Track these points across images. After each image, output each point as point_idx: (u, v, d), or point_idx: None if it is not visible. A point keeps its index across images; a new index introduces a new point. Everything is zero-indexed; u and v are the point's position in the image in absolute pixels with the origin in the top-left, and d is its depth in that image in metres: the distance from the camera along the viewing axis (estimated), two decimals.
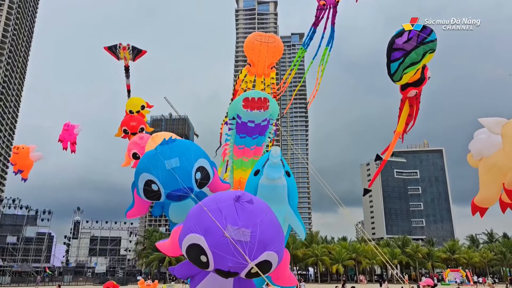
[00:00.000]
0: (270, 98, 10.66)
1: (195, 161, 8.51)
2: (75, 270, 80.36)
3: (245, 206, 5.91)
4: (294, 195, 8.70)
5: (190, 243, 5.92)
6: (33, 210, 79.81)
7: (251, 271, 5.77)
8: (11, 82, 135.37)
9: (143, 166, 8.57)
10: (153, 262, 79.16)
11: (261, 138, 11.23)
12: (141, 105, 17.02)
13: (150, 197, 8.59)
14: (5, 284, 59.78)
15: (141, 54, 16.60)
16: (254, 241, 5.68)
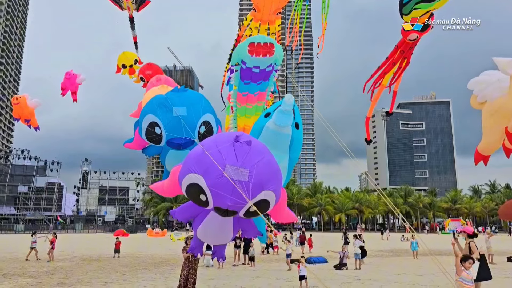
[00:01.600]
0: (276, 43, 10.46)
1: (202, 115, 8.55)
2: (86, 219, 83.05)
3: (243, 147, 5.99)
4: (297, 148, 8.73)
5: (190, 182, 6.07)
6: (42, 161, 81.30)
7: (250, 210, 5.94)
8: (12, 33, 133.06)
9: (151, 107, 8.62)
10: (161, 211, 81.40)
11: (265, 83, 11.13)
12: (134, 59, 16.83)
13: (151, 139, 8.70)
14: (19, 232, 62.02)
15: (145, 4, 16.05)
16: (252, 180, 5.80)
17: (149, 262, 21.43)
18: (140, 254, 26.26)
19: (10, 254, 25.37)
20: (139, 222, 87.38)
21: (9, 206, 76.73)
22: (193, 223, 7.40)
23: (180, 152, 9.00)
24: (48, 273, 16.80)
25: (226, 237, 7.33)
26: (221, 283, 14.31)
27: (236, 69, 11.03)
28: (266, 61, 10.42)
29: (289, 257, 18.81)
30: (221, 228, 6.95)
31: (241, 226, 7.17)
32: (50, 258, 21.39)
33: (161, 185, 7.61)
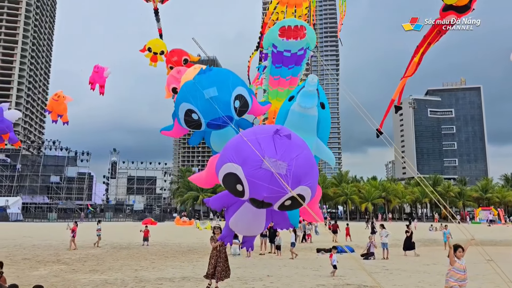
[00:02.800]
0: (307, 26, 10.31)
1: (233, 90, 8.49)
2: (115, 208, 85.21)
3: (283, 140, 5.96)
4: (326, 128, 8.63)
5: (227, 171, 6.07)
6: (72, 152, 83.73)
7: (285, 203, 5.92)
8: (42, 27, 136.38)
9: (183, 96, 8.65)
10: (188, 201, 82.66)
11: (297, 68, 11.04)
12: (161, 50, 16.83)
13: (191, 125, 8.75)
14: (52, 220, 64.21)
15: None
16: (290, 174, 5.77)
17: (177, 251, 21.83)
18: (168, 243, 26.77)
19: (45, 241, 26.31)
20: (166, 211, 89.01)
21: (42, 196, 79.51)
22: (226, 212, 7.46)
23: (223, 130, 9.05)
24: (81, 260, 17.36)
25: (258, 228, 7.37)
26: (248, 272, 14.45)
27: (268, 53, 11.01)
28: (297, 44, 10.32)
29: (293, 246, 18.97)
30: (254, 219, 6.97)
31: (274, 218, 7.17)
32: (70, 246, 21.72)
33: (199, 176, 7.68)
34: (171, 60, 15.62)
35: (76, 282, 12.07)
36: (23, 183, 78.05)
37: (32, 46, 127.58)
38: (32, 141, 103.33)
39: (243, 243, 8.04)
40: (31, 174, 79.25)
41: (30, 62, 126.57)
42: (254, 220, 6.99)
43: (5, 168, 79.09)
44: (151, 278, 13.01)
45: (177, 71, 14.44)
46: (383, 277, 13.59)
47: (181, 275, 13.58)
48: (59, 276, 13.10)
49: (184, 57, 15.72)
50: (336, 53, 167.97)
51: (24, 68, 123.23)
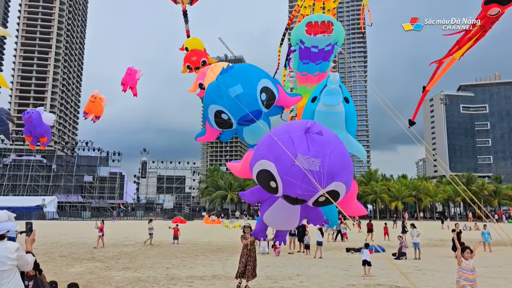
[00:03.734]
0: (335, 21, 10.22)
1: (257, 83, 8.50)
2: (146, 206, 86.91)
3: (315, 137, 5.96)
4: (353, 121, 8.57)
5: (261, 168, 6.13)
6: (104, 152, 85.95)
7: (319, 199, 5.92)
8: (74, 31, 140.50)
9: (209, 97, 8.74)
10: (216, 199, 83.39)
11: (325, 64, 10.97)
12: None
13: (223, 126, 8.84)
14: (86, 218, 66.13)
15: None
16: (323, 170, 5.77)
17: (206, 249, 22.10)
18: (198, 241, 27.13)
19: (80, 239, 27.15)
20: (195, 210, 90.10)
21: (76, 195, 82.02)
22: (260, 207, 7.54)
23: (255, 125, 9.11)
24: (114, 257, 17.83)
25: (292, 224, 7.41)
26: (277, 271, 14.48)
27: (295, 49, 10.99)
28: (324, 40, 10.26)
29: (320, 245, 18.81)
30: (288, 215, 7.01)
31: (308, 214, 7.18)
32: (98, 244, 22.22)
33: (235, 166, 7.79)
34: (190, 59, 15.72)
35: (110, 279, 12.42)
36: (58, 182, 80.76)
37: (65, 50, 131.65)
38: (66, 142, 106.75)
39: (275, 237, 8.10)
40: (65, 174, 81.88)
41: (63, 66, 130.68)
42: (289, 215, 7.03)
43: (42, 169, 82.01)
44: (182, 276, 13.24)
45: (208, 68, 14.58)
46: (416, 278, 13.34)
47: (212, 273, 13.76)
48: (94, 273, 13.52)
49: (203, 59, 15.84)
50: (364, 49, 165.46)
51: (58, 71, 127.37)
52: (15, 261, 4.05)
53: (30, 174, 79.77)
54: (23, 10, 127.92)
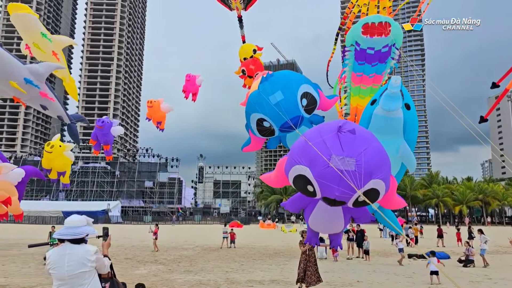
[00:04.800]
0: (393, 22, 9.98)
1: (297, 89, 8.49)
2: (203, 211, 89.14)
3: (348, 136, 5.85)
4: (413, 130, 8.27)
5: (296, 174, 6.11)
6: (163, 158, 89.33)
7: (358, 199, 5.79)
8: (134, 43, 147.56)
9: (251, 106, 8.85)
10: (271, 204, 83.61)
11: (381, 66, 10.72)
12: (253, 49, 17.18)
13: (265, 134, 8.91)
14: (147, 222, 68.90)
15: (252, 2, 16.37)
16: (359, 169, 5.64)
17: (263, 253, 22.22)
18: (255, 245, 27.34)
19: (142, 243, 28.30)
20: (251, 214, 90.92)
21: (138, 199, 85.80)
22: (304, 213, 7.52)
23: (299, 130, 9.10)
24: (175, 261, 18.43)
25: (338, 225, 7.29)
26: (336, 276, 14.25)
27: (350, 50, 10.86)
28: (381, 41, 10.06)
29: (401, 252, 18.03)
30: (331, 216, 6.93)
31: (352, 213, 7.05)
32: (154, 248, 22.84)
33: (269, 176, 7.85)
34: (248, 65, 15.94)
35: (173, 282, 12.86)
36: (121, 188, 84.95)
37: (125, 62, 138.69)
38: (128, 149, 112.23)
39: (330, 242, 8.00)
40: (128, 180, 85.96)
41: (124, 77, 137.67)
42: (332, 217, 6.94)
43: (106, 175, 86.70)
44: (242, 280, 13.41)
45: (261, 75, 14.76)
46: (485, 287, 12.58)
47: (270, 278, 13.81)
48: (157, 276, 14.06)
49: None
50: (421, 47, 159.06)
51: (119, 82, 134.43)
52: (94, 263, 4.32)
53: (96, 180, 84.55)
54: (87, 26, 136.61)
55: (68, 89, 11.38)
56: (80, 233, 4.35)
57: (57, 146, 11.17)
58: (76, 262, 4.23)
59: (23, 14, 9.13)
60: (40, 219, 57.40)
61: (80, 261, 4.24)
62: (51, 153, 11.22)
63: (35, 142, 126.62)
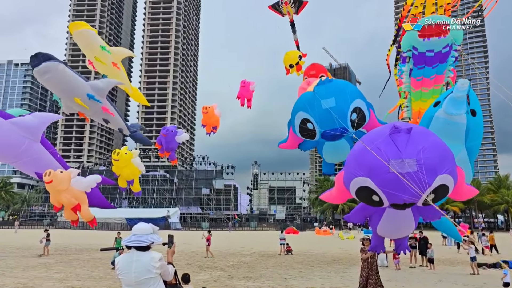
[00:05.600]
0: (451, 21, 9.60)
1: (351, 102, 8.38)
2: (259, 217, 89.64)
3: (401, 136, 5.63)
4: (477, 137, 7.84)
5: (358, 186, 5.97)
6: (219, 166, 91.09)
7: (428, 197, 5.57)
8: (189, 54, 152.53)
9: (300, 105, 8.82)
10: (327, 210, 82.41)
11: (442, 66, 10.34)
12: (298, 55, 17.17)
13: (305, 135, 8.84)
14: (205, 228, 70.39)
15: (303, 6, 16.41)
16: (422, 169, 5.41)
17: (322, 260, 21.92)
18: (312, 252, 27.05)
19: (201, 248, 28.88)
20: (306, 220, 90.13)
21: (196, 206, 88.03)
22: (370, 221, 7.35)
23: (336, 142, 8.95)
24: (234, 267, 18.68)
25: (409, 228, 7.11)
26: (400, 286, 13.77)
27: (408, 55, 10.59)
28: (440, 42, 9.74)
29: (473, 260, 16.96)
30: (402, 221, 6.75)
31: (421, 212, 6.82)
32: (208, 254, 23.10)
33: (330, 194, 7.75)
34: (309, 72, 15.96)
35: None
36: (180, 195, 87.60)
37: (181, 73, 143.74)
38: (185, 157, 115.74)
39: (396, 248, 7.76)
40: (186, 187, 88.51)
41: (180, 87, 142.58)
42: (403, 221, 6.75)
43: (165, 183, 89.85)
44: (301, 287, 13.33)
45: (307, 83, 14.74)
46: None
47: (330, 286, 13.61)
48: (218, 281, 14.33)
49: (321, 74, 15.94)
50: (483, 43, 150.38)
51: (176, 93, 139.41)
52: (158, 270, 4.50)
53: (156, 188, 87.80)
54: (145, 40, 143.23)
55: (134, 97, 11.99)
56: (146, 241, 4.54)
57: (122, 154, 11.80)
58: (142, 269, 4.43)
59: (83, 30, 9.71)
60: (106, 226, 60.55)
61: (146, 268, 4.44)
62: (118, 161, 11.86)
63: (100, 153, 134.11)
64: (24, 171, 9.92)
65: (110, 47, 10.48)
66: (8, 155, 8.74)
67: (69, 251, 26.47)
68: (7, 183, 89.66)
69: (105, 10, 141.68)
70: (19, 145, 8.53)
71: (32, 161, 8.93)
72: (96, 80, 10.93)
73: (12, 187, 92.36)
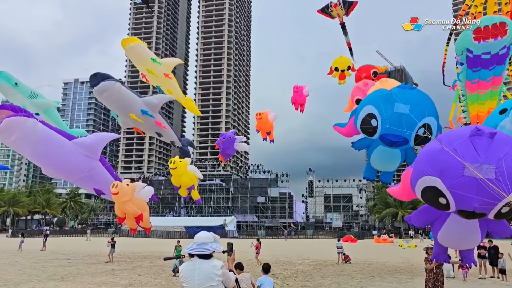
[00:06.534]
0: (509, 21, 9.08)
1: (424, 117, 8.09)
2: (315, 225, 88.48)
3: (482, 140, 5.26)
4: None
5: (425, 185, 5.69)
6: (274, 174, 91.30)
7: (502, 210, 5.18)
8: (241, 64, 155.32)
9: (373, 99, 8.59)
10: (386, 218, 79.64)
11: (500, 68, 9.79)
12: (348, 65, 16.92)
13: (365, 129, 8.60)
14: (261, 237, 70.71)
15: (353, 7, 16.19)
16: (502, 177, 5.03)
17: (382, 270, 21.21)
18: (372, 261, 26.26)
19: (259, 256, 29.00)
20: (364, 228, 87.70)
21: (252, 214, 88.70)
22: (432, 228, 7.04)
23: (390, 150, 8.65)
24: (292, 275, 18.57)
25: (473, 241, 6.68)
26: None
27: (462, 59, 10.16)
28: (497, 44, 9.25)
29: None
30: (466, 231, 6.37)
31: (490, 226, 6.39)
32: (258, 262, 23.00)
33: (396, 189, 7.51)
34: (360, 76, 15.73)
35: None
36: (235, 204, 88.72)
37: (234, 84, 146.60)
38: (240, 166, 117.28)
39: (462, 259, 7.35)
40: (241, 195, 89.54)
41: (233, 98, 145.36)
42: (467, 231, 6.35)
43: (221, 191, 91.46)
44: None
45: (364, 84, 14.46)
46: None
47: None
48: None
49: (372, 70, 15.64)
50: None
51: (229, 103, 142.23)
52: (221, 277, 4.60)
53: (212, 196, 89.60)
54: (199, 53, 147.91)
55: (187, 107, 12.43)
56: (208, 249, 4.64)
57: (177, 161, 12.26)
58: (205, 276, 4.54)
59: (134, 44, 10.19)
60: (165, 234, 62.59)
61: (209, 275, 4.54)
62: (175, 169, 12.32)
63: (159, 164, 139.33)
64: (83, 187, 10.55)
65: (160, 59, 10.91)
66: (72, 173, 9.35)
67: (133, 258, 27.66)
68: (76, 194, 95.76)
69: (160, 27, 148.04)
70: (81, 164, 9.08)
71: (91, 177, 9.49)
72: (150, 96, 11.48)
73: (80, 197, 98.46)
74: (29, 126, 7.82)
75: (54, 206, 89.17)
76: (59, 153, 8.55)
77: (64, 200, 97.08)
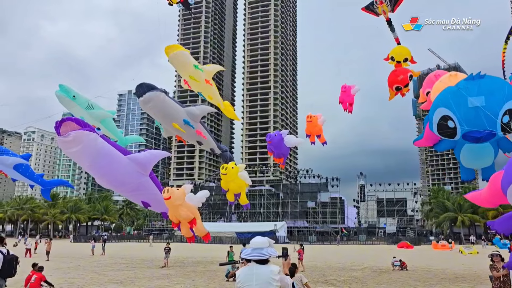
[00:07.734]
0: None
1: (505, 102, 7.46)
2: (368, 230, 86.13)
3: None
4: None
5: None
6: (323, 178, 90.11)
7: None
8: (287, 69, 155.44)
9: (442, 100, 8.11)
10: (444, 223, 76.06)
11: None
12: (405, 57, 16.23)
13: (443, 133, 8.14)
14: (313, 242, 69.90)
15: (399, 2, 15.61)
16: None
17: (442, 277, 20.23)
18: (430, 268, 25.12)
19: (310, 262, 28.64)
20: (420, 234, 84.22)
21: (302, 220, 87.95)
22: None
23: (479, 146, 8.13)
24: (346, 282, 18.16)
25: None
26: None
27: None
28: None
29: None
30: None
31: None
32: (300, 268, 22.33)
33: (479, 195, 7.09)
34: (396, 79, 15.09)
35: None
36: (285, 209, 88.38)
37: (281, 89, 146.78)
38: (289, 171, 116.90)
39: None
40: (291, 201, 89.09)
41: (281, 103, 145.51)
42: None
43: (271, 197, 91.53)
44: None
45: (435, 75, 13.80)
46: None
47: None
48: None
49: (409, 73, 15.04)
50: None
51: (277, 108, 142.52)
52: (278, 283, 4.57)
53: (262, 202, 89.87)
54: (246, 60, 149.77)
55: (226, 112, 12.58)
56: (264, 254, 4.63)
57: (230, 168, 12.38)
58: (263, 281, 4.52)
59: (177, 52, 10.40)
60: (217, 239, 63.51)
61: (267, 280, 4.52)
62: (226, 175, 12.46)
63: (209, 170, 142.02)
64: (132, 200, 10.91)
65: (202, 66, 11.11)
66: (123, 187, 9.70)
67: (186, 263, 28.29)
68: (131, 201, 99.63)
69: (208, 36, 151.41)
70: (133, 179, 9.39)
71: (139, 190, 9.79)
72: (192, 107, 11.74)
73: (135, 204, 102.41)
74: (91, 139, 8.22)
75: (112, 212, 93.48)
76: (115, 168, 8.91)
77: (121, 207, 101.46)
